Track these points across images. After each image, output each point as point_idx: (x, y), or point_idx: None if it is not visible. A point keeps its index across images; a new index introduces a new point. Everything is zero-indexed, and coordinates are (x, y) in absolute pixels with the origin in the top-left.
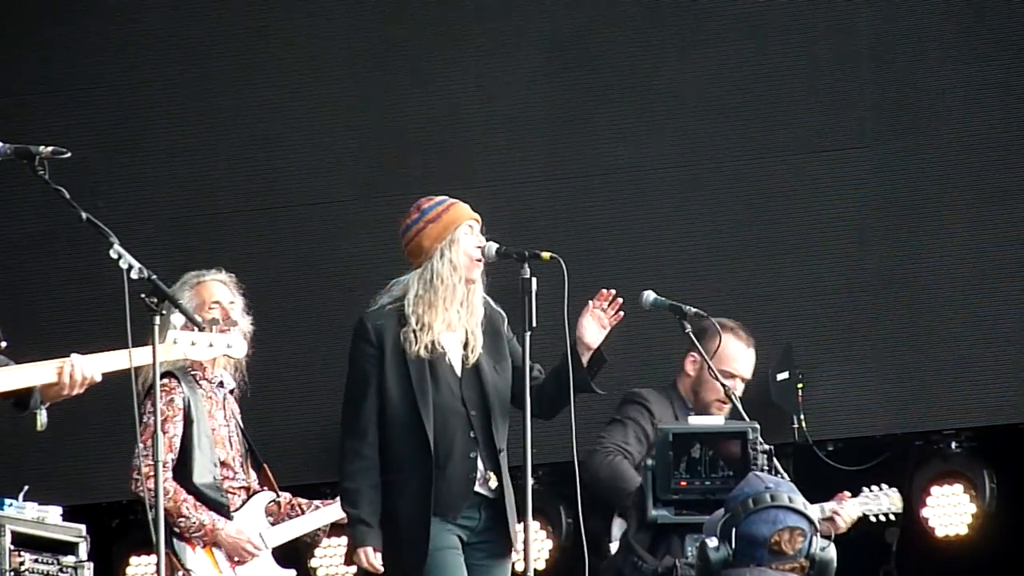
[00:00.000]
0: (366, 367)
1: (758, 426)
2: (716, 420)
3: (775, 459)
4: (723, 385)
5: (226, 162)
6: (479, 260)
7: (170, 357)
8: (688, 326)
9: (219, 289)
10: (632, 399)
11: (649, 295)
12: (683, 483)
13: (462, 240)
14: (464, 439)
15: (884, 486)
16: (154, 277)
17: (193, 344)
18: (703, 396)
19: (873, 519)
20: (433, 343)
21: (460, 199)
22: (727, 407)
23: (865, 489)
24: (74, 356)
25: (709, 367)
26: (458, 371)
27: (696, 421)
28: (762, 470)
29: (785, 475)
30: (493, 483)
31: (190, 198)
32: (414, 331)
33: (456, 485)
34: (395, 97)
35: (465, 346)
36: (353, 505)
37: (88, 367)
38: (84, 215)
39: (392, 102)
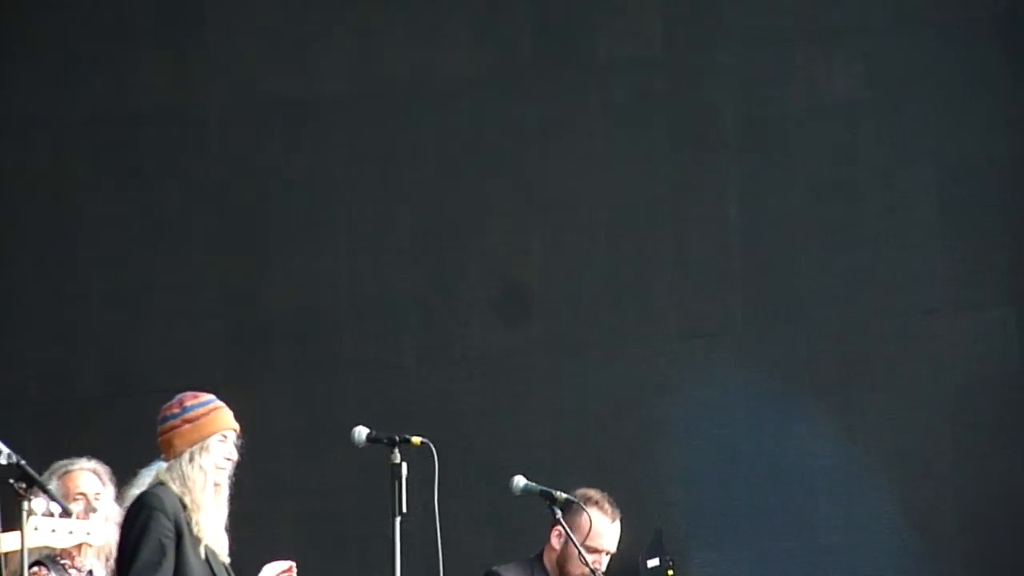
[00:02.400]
0: (163, 540)
1: None
2: None
3: None
4: (586, 563)
5: (90, 346)
6: (222, 469)
7: (31, 544)
8: (558, 512)
9: (86, 479)
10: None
11: (519, 480)
12: None
13: (214, 449)
14: None
15: None
16: (23, 463)
17: (53, 531)
18: (568, 570)
19: None
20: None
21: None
22: None
23: None
24: None
25: (573, 543)
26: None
27: None
28: None
29: None
30: None
31: (55, 383)
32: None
33: None
34: (264, 281)
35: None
36: None
37: None
38: None
39: (261, 286)
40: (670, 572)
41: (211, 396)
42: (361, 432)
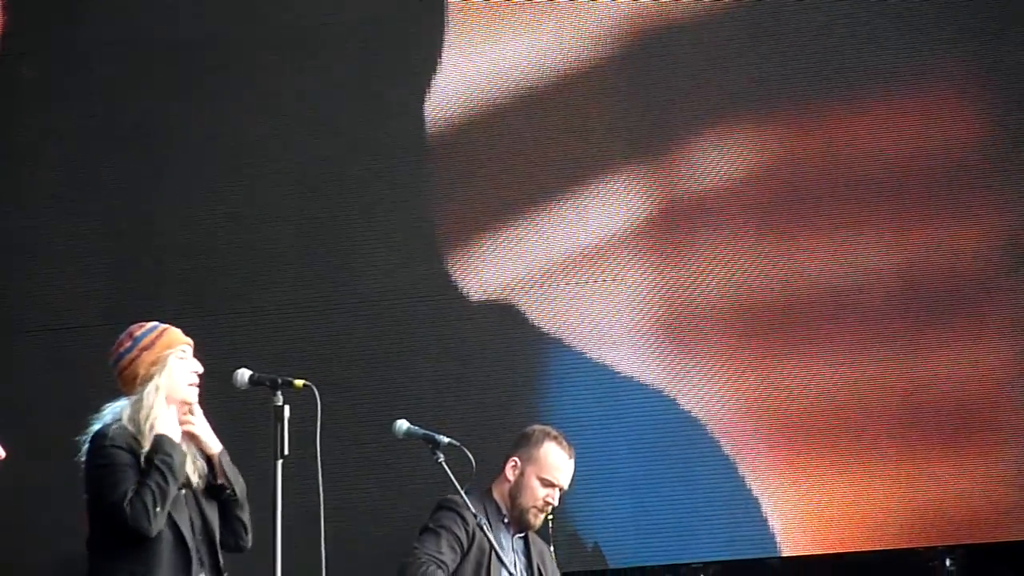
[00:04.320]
0: (126, 467)
1: None
2: None
3: None
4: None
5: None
6: (193, 384)
7: None
8: (440, 456)
9: None
10: (444, 505)
11: (402, 424)
12: None
13: (175, 366)
14: (193, 564)
15: None
16: None
17: None
18: (521, 502)
19: None
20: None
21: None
22: (542, 516)
23: None
24: None
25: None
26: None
27: None
28: None
29: None
30: None
31: None
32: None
33: None
34: (148, 223)
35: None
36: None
37: None
38: None
39: (145, 229)
40: (550, 517)
41: (156, 322)
42: (244, 374)
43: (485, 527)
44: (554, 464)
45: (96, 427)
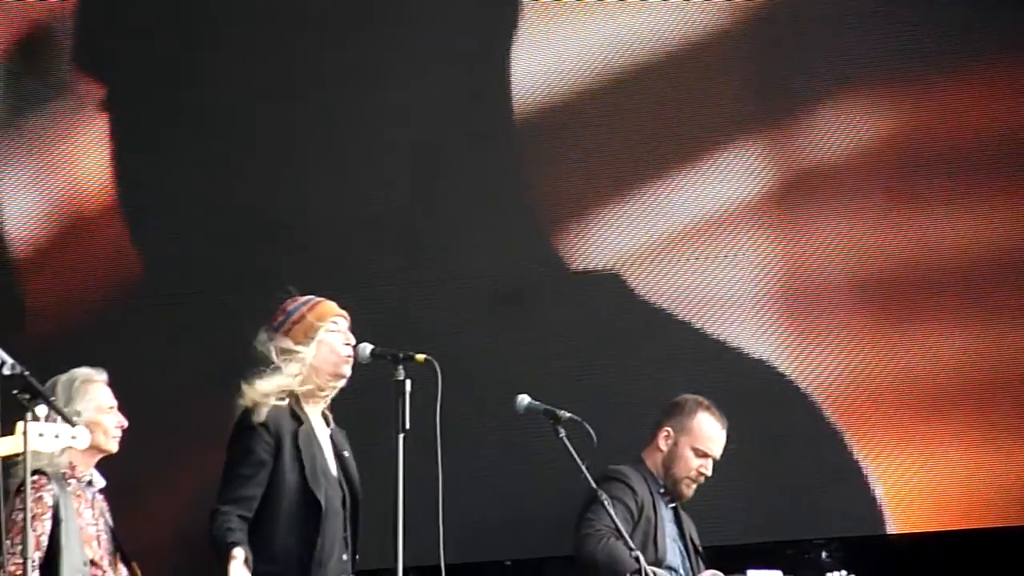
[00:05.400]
0: (257, 450)
1: None
2: (775, 574)
3: None
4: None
5: (93, 254)
6: (348, 356)
7: (18, 447)
8: (561, 430)
9: (109, 392)
10: (613, 476)
11: (523, 399)
12: None
13: (328, 337)
14: (340, 539)
15: (844, 572)
16: (27, 373)
17: (40, 435)
18: (675, 472)
19: None
20: (319, 441)
21: (334, 299)
22: (695, 486)
23: (831, 574)
24: None
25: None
26: (334, 470)
27: (756, 574)
28: None
29: None
30: None
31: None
32: (297, 430)
33: None
34: (268, 195)
35: (334, 445)
36: (219, 532)
37: None
38: None
39: (265, 200)
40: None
41: (310, 296)
42: (366, 348)
43: (656, 498)
44: (708, 434)
45: (241, 403)
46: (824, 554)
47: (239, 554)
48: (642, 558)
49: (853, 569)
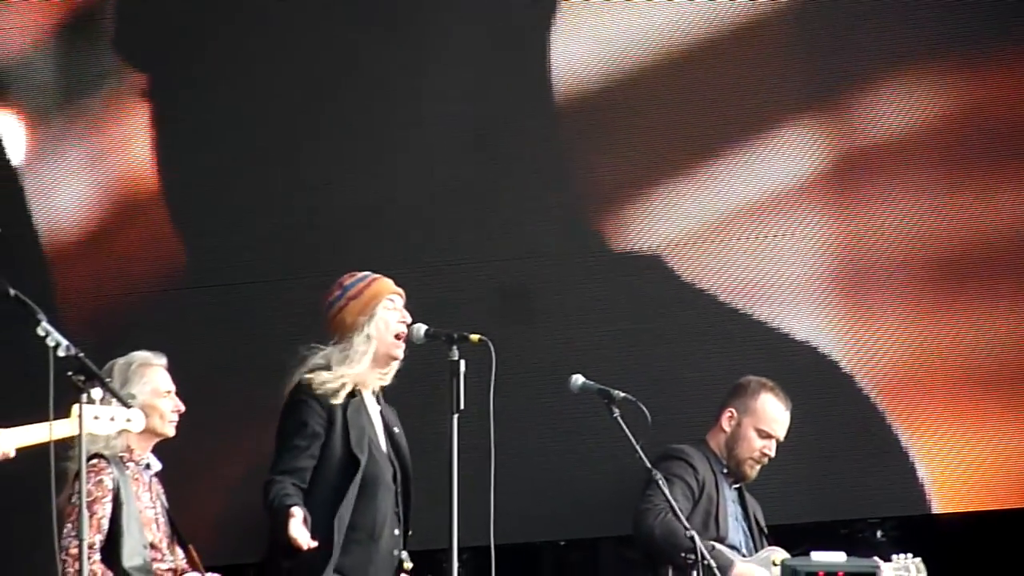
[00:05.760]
0: (309, 422)
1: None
2: (839, 557)
3: None
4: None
5: (143, 242)
6: (401, 335)
7: (74, 430)
8: (616, 410)
9: (167, 377)
10: (674, 455)
11: (578, 379)
12: None
13: (384, 314)
14: (392, 514)
15: (910, 555)
16: (81, 355)
17: (96, 418)
18: (738, 453)
19: None
20: (369, 416)
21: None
22: (758, 467)
23: (895, 556)
24: None
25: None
26: (384, 446)
27: (820, 558)
28: None
29: None
30: (408, 565)
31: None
32: (342, 392)
33: (383, 560)
34: (327, 178)
35: (384, 422)
36: (276, 498)
37: (6, 442)
38: (12, 291)
39: (324, 183)
40: None
41: (367, 272)
42: (420, 329)
43: (719, 477)
44: (772, 415)
45: (299, 376)
46: (879, 533)
47: (298, 512)
48: (697, 537)
49: (907, 548)
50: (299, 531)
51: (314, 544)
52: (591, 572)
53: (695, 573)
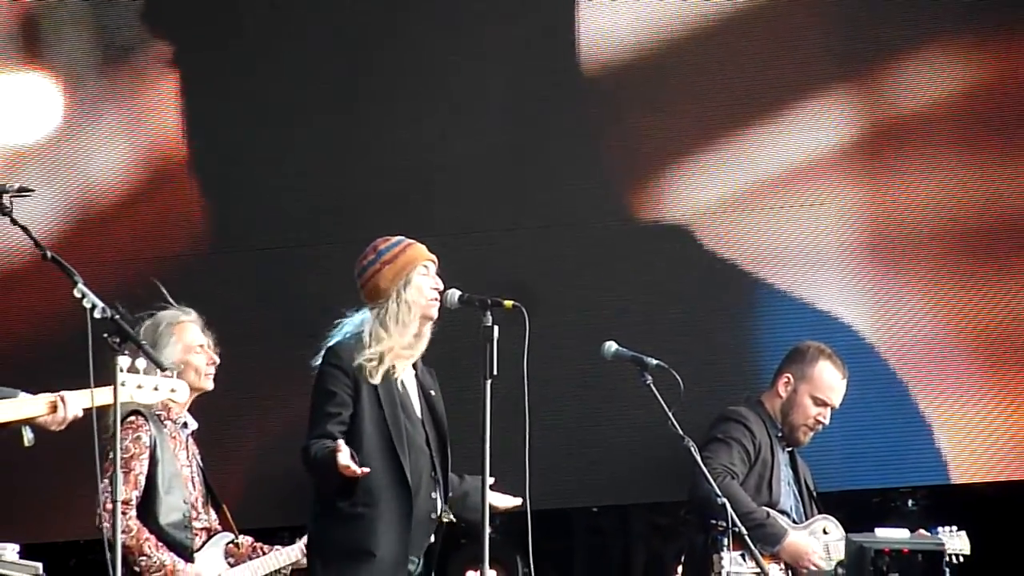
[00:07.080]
0: (338, 391)
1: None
2: (903, 533)
3: None
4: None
5: (176, 206)
6: (434, 300)
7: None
8: (648, 377)
9: (198, 331)
10: (732, 417)
11: (611, 346)
12: None
13: (418, 280)
14: (428, 478)
15: (954, 528)
16: (117, 317)
17: (139, 387)
18: (792, 419)
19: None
20: (401, 381)
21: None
22: (812, 434)
23: (941, 529)
24: (64, 392)
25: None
26: (418, 411)
27: (885, 534)
28: None
29: None
30: (446, 517)
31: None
32: (380, 368)
33: (422, 524)
34: (356, 143)
35: (420, 385)
36: (317, 451)
37: (75, 404)
38: (49, 253)
39: (353, 148)
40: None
41: (401, 236)
42: (454, 294)
43: (774, 441)
44: (828, 383)
45: (332, 340)
46: (911, 502)
47: (344, 447)
48: (728, 504)
49: (938, 518)
50: (348, 460)
51: (367, 470)
52: (622, 539)
53: (725, 540)
